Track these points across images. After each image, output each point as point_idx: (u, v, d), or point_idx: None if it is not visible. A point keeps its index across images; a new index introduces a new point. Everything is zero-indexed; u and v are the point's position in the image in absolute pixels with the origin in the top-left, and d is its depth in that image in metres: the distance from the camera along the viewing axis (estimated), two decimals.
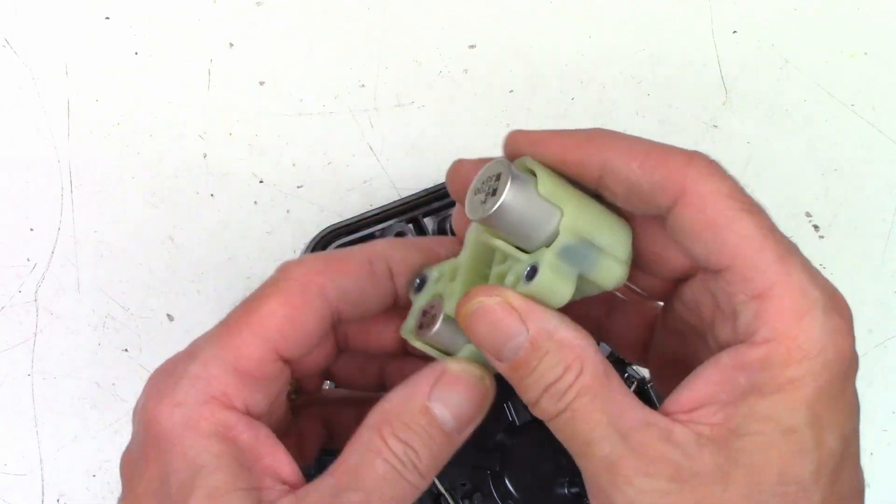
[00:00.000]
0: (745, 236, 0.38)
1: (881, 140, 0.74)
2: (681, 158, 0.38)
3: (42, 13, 0.68)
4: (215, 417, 0.39)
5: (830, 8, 0.75)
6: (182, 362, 0.40)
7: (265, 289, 0.41)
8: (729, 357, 0.38)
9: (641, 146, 0.38)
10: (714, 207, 0.38)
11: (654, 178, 0.38)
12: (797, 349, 0.36)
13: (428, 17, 0.71)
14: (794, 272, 0.38)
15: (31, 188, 0.67)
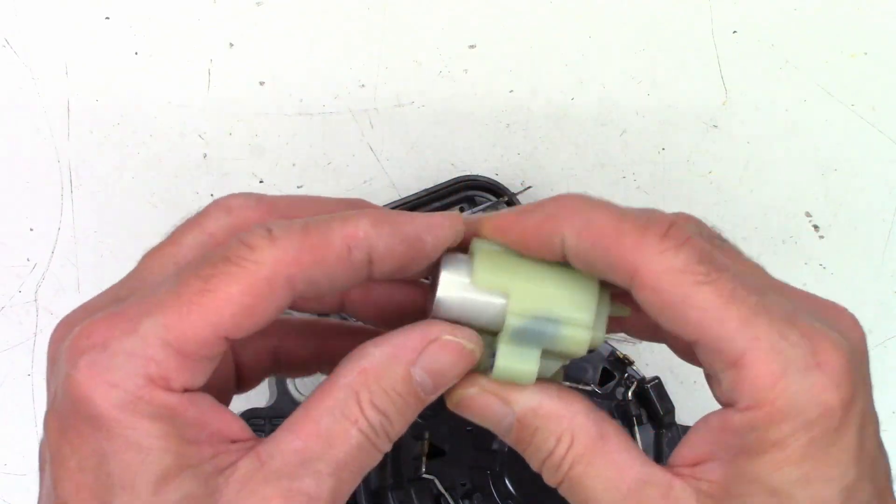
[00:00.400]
0: (705, 310, 0.37)
1: (881, 140, 0.74)
2: (632, 237, 0.37)
3: (42, 13, 0.68)
4: (155, 401, 0.36)
5: (830, 8, 0.75)
6: (116, 331, 0.36)
7: (227, 264, 0.37)
8: (717, 419, 0.38)
9: (598, 221, 0.38)
10: (667, 287, 0.37)
11: (607, 260, 0.37)
12: (777, 413, 0.36)
13: (428, 17, 0.71)
14: (762, 335, 0.37)
15: (31, 188, 0.67)
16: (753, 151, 0.73)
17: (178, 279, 0.37)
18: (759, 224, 0.73)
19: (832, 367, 0.37)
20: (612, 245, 0.37)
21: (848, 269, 0.73)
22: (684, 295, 0.37)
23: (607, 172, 0.72)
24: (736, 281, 0.37)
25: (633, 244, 0.37)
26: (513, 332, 0.39)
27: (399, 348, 0.39)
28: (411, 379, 0.38)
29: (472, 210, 0.66)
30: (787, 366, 0.36)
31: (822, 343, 0.37)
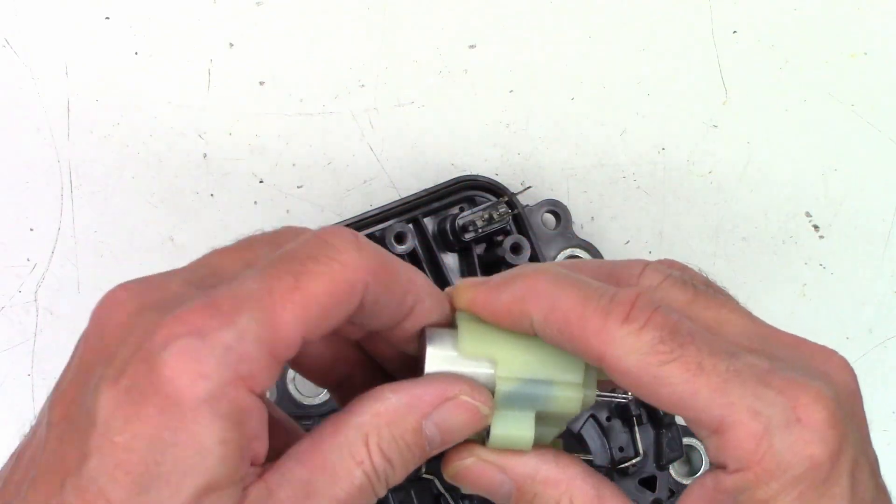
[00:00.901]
0: (675, 386, 0.37)
1: (881, 140, 0.74)
2: (596, 322, 0.38)
3: (42, 13, 0.68)
4: (237, 401, 0.35)
5: (830, 8, 0.75)
6: (214, 322, 0.35)
7: (315, 262, 0.36)
8: (711, 481, 0.39)
9: (562, 306, 0.39)
10: (635, 371, 0.38)
11: (574, 346, 0.38)
12: (764, 472, 0.37)
13: (428, 17, 0.71)
14: (736, 399, 0.37)
15: (31, 188, 0.67)
16: (753, 151, 0.73)
17: (267, 273, 0.36)
18: (759, 224, 0.73)
19: (815, 420, 0.37)
20: (577, 332, 0.38)
21: (848, 269, 0.73)
22: (652, 376, 0.37)
23: (607, 172, 0.72)
24: (703, 350, 0.38)
25: (596, 330, 0.38)
26: (504, 398, 0.39)
27: (416, 399, 0.39)
28: (421, 431, 0.39)
29: (471, 210, 0.66)
30: (767, 425, 0.37)
31: (803, 397, 0.37)
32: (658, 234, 0.72)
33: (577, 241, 0.69)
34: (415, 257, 0.66)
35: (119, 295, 0.38)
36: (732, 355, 0.38)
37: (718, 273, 0.72)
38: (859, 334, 0.73)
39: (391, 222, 0.66)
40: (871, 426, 0.41)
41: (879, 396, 0.72)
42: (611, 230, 0.72)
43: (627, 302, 0.38)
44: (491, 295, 0.40)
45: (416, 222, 0.67)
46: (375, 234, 0.66)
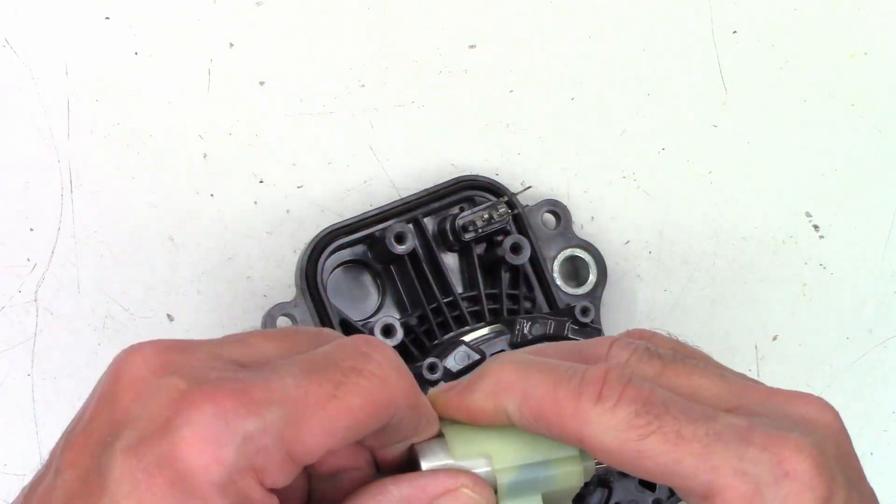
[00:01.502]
0: (657, 458, 0.37)
1: (881, 140, 0.74)
2: (569, 406, 0.38)
3: (42, 13, 0.68)
4: (245, 491, 0.35)
5: (830, 8, 0.75)
6: (242, 410, 0.34)
7: (357, 375, 0.36)
8: None
9: (534, 395, 0.39)
10: (615, 449, 0.38)
11: (552, 432, 0.39)
12: None
13: (428, 17, 0.71)
14: (721, 463, 0.37)
15: (31, 188, 0.67)
16: (753, 151, 0.73)
17: (307, 374, 0.36)
18: (759, 224, 0.73)
19: (801, 472, 0.37)
20: (552, 418, 0.38)
21: (848, 269, 0.73)
22: (633, 451, 0.37)
23: (607, 172, 0.72)
24: (680, 418, 0.37)
25: (571, 414, 0.38)
26: (508, 489, 0.39)
27: (419, 491, 0.38)
28: None
29: (471, 210, 0.66)
30: (756, 484, 0.37)
31: (785, 450, 0.37)
32: (658, 234, 0.72)
33: (577, 241, 0.69)
34: (415, 257, 0.66)
35: (144, 349, 0.38)
36: (710, 419, 0.38)
37: (718, 273, 0.72)
38: (859, 334, 0.73)
39: (391, 222, 0.66)
40: (870, 426, 0.41)
41: (879, 396, 0.72)
42: (611, 230, 0.72)
43: (598, 380, 0.38)
44: (462, 397, 0.40)
45: (416, 222, 0.67)
46: (375, 233, 0.66)
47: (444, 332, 0.65)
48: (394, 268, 0.68)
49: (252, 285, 0.68)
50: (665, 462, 0.37)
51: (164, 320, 0.67)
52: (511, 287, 0.67)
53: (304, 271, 0.65)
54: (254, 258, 0.68)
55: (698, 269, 0.72)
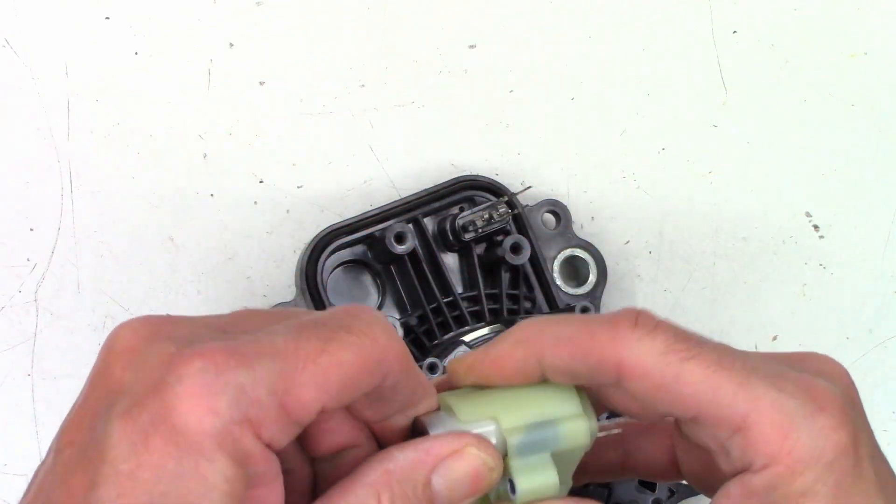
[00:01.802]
0: (697, 383, 0.38)
1: (881, 140, 0.74)
2: (606, 334, 0.38)
3: (42, 13, 0.68)
4: (242, 442, 0.34)
5: (830, 8, 0.75)
6: (232, 361, 0.35)
7: (347, 333, 0.36)
8: (737, 488, 0.38)
9: (567, 333, 0.39)
10: (655, 371, 0.38)
11: (589, 363, 0.39)
12: (797, 463, 0.37)
13: (428, 17, 0.71)
14: (759, 394, 0.38)
15: (31, 188, 0.67)
16: (753, 151, 0.73)
17: (296, 331, 0.36)
18: (759, 224, 0.73)
19: (833, 410, 0.38)
20: (589, 348, 0.38)
21: (848, 269, 0.73)
22: (674, 374, 0.38)
23: (607, 172, 0.72)
24: (718, 351, 0.38)
25: (609, 340, 0.38)
26: (518, 449, 0.40)
27: (424, 453, 0.39)
28: (431, 485, 0.38)
29: (471, 210, 0.66)
30: (792, 417, 0.37)
31: (817, 389, 0.38)
32: (658, 234, 0.72)
33: (577, 241, 0.69)
34: (415, 257, 0.66)
35: (133, 322, 0.38)
36: (745, 357, 0.38)
37: (718, 273, 0.72)
38: (859, 334, 0.73)
39: (391, 222, 0.66)
40: (871, 426, 0.41)
41: (879, 396, 0.72)
42: (611, 230, 0.72)
43: (631, 314, 0.39)
44: (486, 352, 0.40)
45: (416, 222, 0.67)
46: (375, 233, 0.66)
47: (444, 332, 0.65)
48: (394, 268, 0.68)
49: (252, 285, 0.68)
50: (704, 390, 0.37)
51: None
52: (511, 287, 0.68)
53: (304, 271, 0.65)
54: (254, 258, 0.68)
55: (698, 269, 0.72)
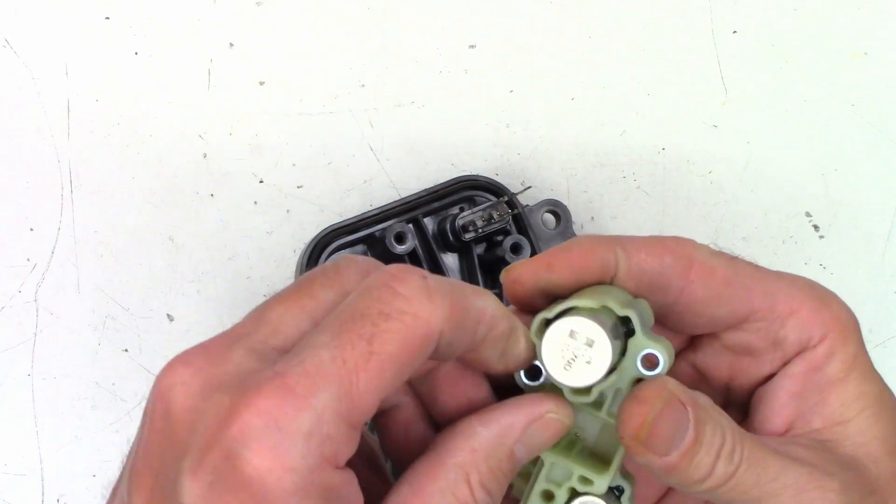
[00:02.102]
0: (751, 278, 0.43)
1: (881, 140, 0.74)
2: (671, 241, 0.42)
3: (42, 13, 0.68)
4: (325, 482, 0.34)
5: (830, 8, 0.75)
6: (289, 408, 0.34)
7: (387, 320, 0.35)
8: (799, 365, 0.43)
9: (637, 240, 0.42)
10: (719, 268, 0.42)
11: (664, 261, 0.41)
12: (843, 328, 0.43)
13: (428, 17, 0.71)
14: (794, 282, 0.43)
15: (31, 188, 0.67)
16: (753, 151, 0.73)
17: (339, 339, 0.35)
18: (759, 224, 0.73)
19: (831, 294, 0.44)
20: (663, 250, 0.42)
21: (848, 269, 0.73)
22: (734, 272, 0.42)
23: (607, 172, 0.72)
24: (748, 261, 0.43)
25: (676, 244, 0.42)
26: (641, 324, 0.40)
27: (507, 429, 0.39)
28: (514, 455, 0.39)
29: (471, 210, 0.66)
30: (821, 297, 0.43)
31: (813, 283, 0.44)
32: (658, 234, 0.72)
33: None
34: (415, 257, 0.66)
35: (181, 373, 0.36)
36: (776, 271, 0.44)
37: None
38: None
39: (391, 222, 0.66)
40: None
41: None
42: (611, 230, 0.72)
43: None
44: (567, 250, 0.42)
45: (416, 222, 0.67)
46: (375, 233, 0.66)
47: None
48: None
49: (252, 285, 0.68)
50: (758, 285, 0.43)
51: (164, 320, 0.67)
52: None
53: (304, 271, 0.65)
54: (254, 258, 0.68)
55: None
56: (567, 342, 0.39)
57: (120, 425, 0.66)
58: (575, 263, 0.41)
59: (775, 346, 0.43)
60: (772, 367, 0.44)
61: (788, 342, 0.43)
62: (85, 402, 0.66)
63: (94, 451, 0.66)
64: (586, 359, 0.38)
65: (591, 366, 0.38)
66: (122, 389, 0.66)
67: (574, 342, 0.39)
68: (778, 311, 0.43)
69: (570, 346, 0.39)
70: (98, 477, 0.66)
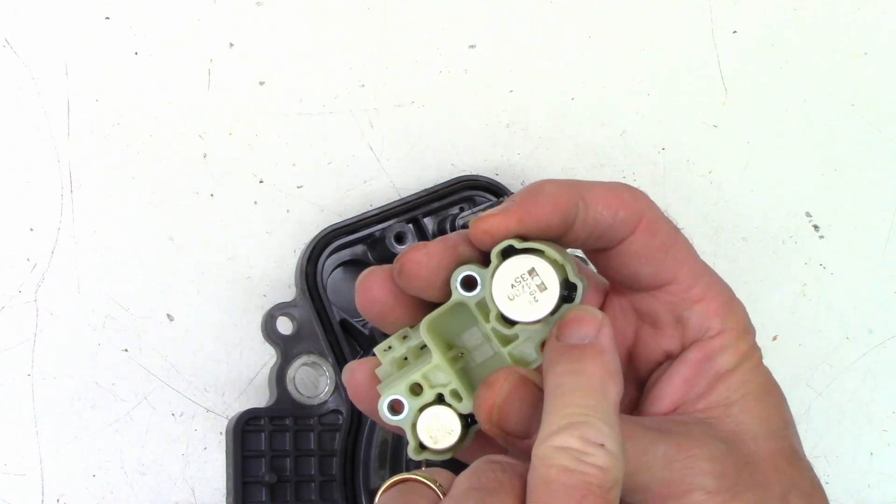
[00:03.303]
0: (685, 253, 0.45)
1: (881, 140, 0.74)
2: (627, 194, 0.44)
3: (42, 13, 0.68)
4: None
5: (830, 8, 0.75)
6: None
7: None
8: (696, 352, 0.45)
9: (597, 190, 0.43)
10: (662, 232, 0.45)
11: (617, 215, 0.43)
12: (740, 330, 0.45)
13: (428, 17, 0.71)
14: (717, 279, 0.46)
15: (31, 188, 0.67)
16: (753, 151, 0.73)
17: None
18: (759, 224, 0.73)
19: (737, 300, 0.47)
20: (618, 204, 0.44)
21: (848, 269, 0.73)
22: (673, 239, 0.45)
23: (607, 172, 0.72)
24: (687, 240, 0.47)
25: (630, 199, 0.44)
26: None
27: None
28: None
29: (472, 210, 0.66)
30: (729, 296, 0.46)
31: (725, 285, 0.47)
32: None
33: None
34: None
35: None
36: None
37: (718, 273, 0.72)
38: (859, 334, 0.73)
39: (391, 222, 0.66)
40: (870, 426, 0.43)
41: (879, 396, 0.72)
42: None
43: None
44: (536, 195, 0.43)
45: (416, 222, 0.67)
46: (375, 233, 0.66)
47: None
48: None
49: (252, 285, 0.68)
50: (685, 261, 0.45)
51: (164, 320, 0.67)
52: None
53: (304, 271, 0.65)
54: (254, 258, 0.68)
55: None
56: (524, 276, 0.41)
57: (120, 425, 0.66)
58: (543, 219, 0.42)
59: (677, 323, 0.45)
60: (669, 344, 0.46)
61: (690, 325, 0.45)
62: (85, 402, 0.66)
63: (94, 451, 0.66)
64: (532, 299, 0.41)
65: (531, 307, 0.41)
66: (122, 389, 0.66)
67: (530, 279, 0.41)
68: (692, 292, 0.45)
69: (524, 281, 0.41)
70: (98, 477, 0.66)
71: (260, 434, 0.63)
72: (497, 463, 0.39)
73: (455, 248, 0.43)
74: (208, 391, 0.67)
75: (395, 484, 0.40)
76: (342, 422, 0.64)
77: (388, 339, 0.44)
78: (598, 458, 0.36)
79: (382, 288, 0.44)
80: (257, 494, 0.63)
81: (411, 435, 0.42)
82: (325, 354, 0.65)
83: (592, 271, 0.48)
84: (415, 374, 0.42)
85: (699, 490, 0.42)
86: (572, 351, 0.40)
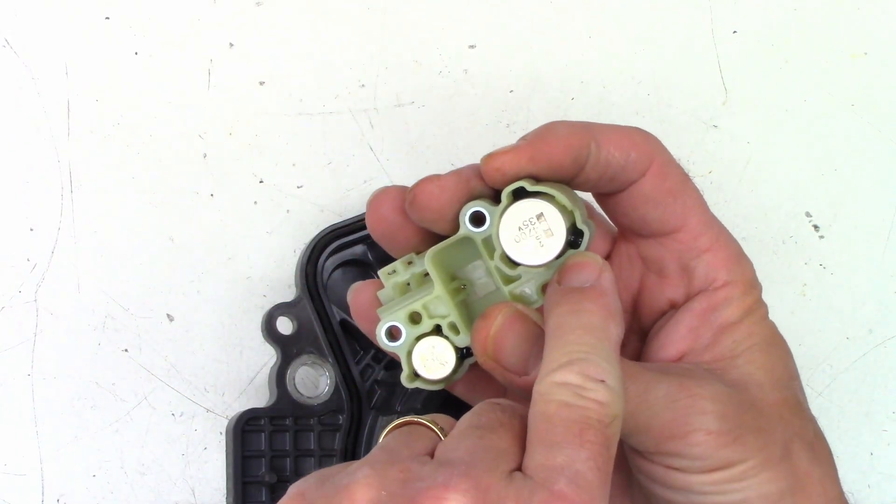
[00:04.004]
0: (694, 200, 0.46)
1: (881, 140, 0.74)
2: (639, 136, 0.44)
3: (42, 13, 0.68)
4: None
5: (830, 8, 0.75)
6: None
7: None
8: (700, 302, 0.45)
9: (609, 132, 0.44)
10: (672, 176, 0.45)
11: (629, 157, 0.43)
12: (746, 283, 0.46)
13: (428, 17, 0.71)
14: (721, 228, 0.47)
15: (31, 188, 0.67)
16: (753, 151, 0.73)
17: None
18: (759, 224, 0.73)
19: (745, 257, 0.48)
20: (630, 146, 0.44)
21: (848, 269, 0.73)
22: (682, 185, 0.45)
23: None
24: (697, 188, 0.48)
25: (642, 141, 0.44)
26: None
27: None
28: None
29: None
30: (738, 250, 0.46)
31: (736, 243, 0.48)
32: None
33: None
34: None
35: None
36: None
37: None
38: (859, 334, 0.73)
39: None
40: (870, 426, 0.43)
41: (879, 396, 0.72)
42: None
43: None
44: (549, 136, 0.44)
45: None
46: None
47: None
48: None
49: (252, 285, 0.68)
50: (694, 209, 0.46)
51: (164, 320, 0.67)
52: None
53: (304, 271, 0.65)
54: (254, 258, 0.68)
55: None
56: (532, 220, 0.41)
57: (120, 425, 0.66)
58: (555, 159, 0.43)
59: (683, 272, 0.45)
60: (674, 294, 0.46)
61: (696, 275, 0.45)
62: (85, 402, 0.66)
63: (94, 451, 0.66)
64: (538, 244, 0.41)
65: (536, 252, 0.41)
66: (122, 389, 0.66)
67: (537, 224, 0.41)
68: (700, 241, 0.45)
69: (532, 224, 0.41)
70: (98, 477, 0.66)
71: (260, 434, 0.63)
72: (497, 404, 0.39)
73: (468, 183, 0.43)
74: (208, 391, 0.67)
75: (399, 426, 0.40)
76: (342, 422, 0.64)
77: (392, 263, 0.44)
78: (598, 393, 0.36)
79: (392, 208, 0.44)
80: (257, 494, 0.63)
81: (406, 362, 0.43)
82: (325, 354, 0.65)
83: (602, 217, 0.48)
84: (415, 303, 0.42)
85: (701, 430, 0.41)
86: (573, 293, 0.40)
